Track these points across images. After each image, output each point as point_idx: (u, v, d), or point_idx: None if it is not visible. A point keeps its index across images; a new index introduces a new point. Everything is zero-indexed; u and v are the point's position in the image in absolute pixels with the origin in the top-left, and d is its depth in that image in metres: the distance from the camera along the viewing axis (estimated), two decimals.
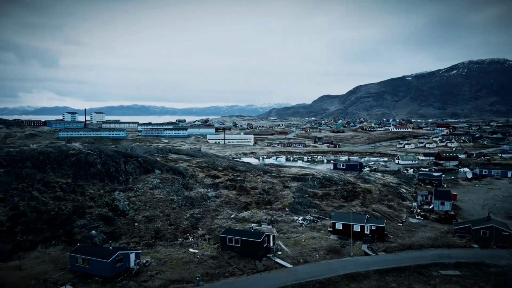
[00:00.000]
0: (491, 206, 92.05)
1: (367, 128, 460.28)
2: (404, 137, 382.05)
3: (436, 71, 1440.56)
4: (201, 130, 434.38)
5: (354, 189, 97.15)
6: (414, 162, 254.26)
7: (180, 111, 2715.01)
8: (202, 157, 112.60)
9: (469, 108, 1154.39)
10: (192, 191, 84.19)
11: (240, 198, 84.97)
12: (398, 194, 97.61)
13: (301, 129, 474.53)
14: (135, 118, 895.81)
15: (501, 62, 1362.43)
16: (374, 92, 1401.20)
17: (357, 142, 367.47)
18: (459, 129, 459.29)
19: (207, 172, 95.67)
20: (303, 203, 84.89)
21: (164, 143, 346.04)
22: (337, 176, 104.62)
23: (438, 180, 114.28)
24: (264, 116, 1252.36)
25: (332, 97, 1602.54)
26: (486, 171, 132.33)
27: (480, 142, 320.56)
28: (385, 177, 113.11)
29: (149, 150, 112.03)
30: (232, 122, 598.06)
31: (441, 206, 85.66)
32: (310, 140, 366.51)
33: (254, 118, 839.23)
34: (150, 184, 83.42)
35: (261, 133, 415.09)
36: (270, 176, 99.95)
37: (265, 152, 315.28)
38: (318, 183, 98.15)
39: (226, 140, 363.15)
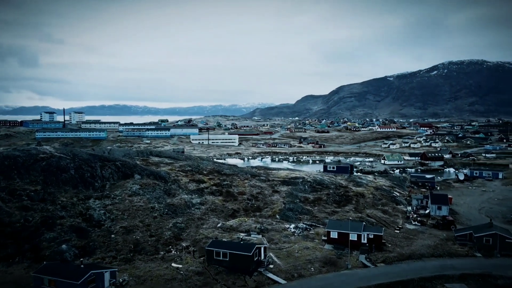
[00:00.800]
0: (487, 210, 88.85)
1: (351, 128, 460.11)
2: (388, 137, 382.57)
3: (417, 71, 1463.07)
4: (184, 130, 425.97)
5: (346, 193, 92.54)
6: (400, 162, 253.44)
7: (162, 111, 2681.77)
8: (185, 160, 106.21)
9: (449, 108, 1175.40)
10: (175, 197, 77.90)
11: (227, 205, 79.16)
12: (391, 198, 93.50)
13: (285, 129, 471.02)
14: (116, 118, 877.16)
15: (480, 63, 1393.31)
16: (357, 92, 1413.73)
17: (342, 142, 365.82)
18: (441, 128, 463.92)
19: (191, 177, 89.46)
20: (294, 209, 79.65)
21: (146, 143, 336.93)
22: (328, 179, 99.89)
23: (431, 183, 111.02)
24: (248, 116, 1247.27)
25: (315, 97, 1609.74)
26: (477, 173, 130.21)
27: (463, 142, 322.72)
28: (377, 180, 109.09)
29: (128, 153, 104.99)
30: (216, 122, 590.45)
31: (438, 211, 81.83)
32: (295, 140, 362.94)
33: (238, 118, 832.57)
34: (129, 190, 76.75)
35: (246, 133, 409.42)
36: (258, 179, 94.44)
37: (250, 153, 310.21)
38: (309, 187, 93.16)
39: (210, 141, 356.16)
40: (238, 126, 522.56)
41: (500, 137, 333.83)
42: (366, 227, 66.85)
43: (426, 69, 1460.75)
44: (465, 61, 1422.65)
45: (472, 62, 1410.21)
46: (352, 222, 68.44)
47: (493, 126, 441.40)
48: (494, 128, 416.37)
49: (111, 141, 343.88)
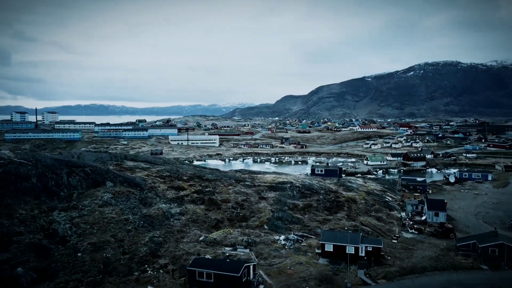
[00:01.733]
0: (484, 215, 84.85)
1: (332, 128, 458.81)
2: (369, 137, 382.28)
3: (394, 72, 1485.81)
4: (163, 130, 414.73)
5: (337, 198, 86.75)
6: (383, 163, 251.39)
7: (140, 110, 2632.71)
8: (163, 165, 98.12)
9: (425, 108, 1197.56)
10: (151, 207, 70.09)
11: (210, 214, 71.90)
12: (384, 203, 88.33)
13: (266, 129, 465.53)
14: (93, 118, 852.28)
15: (454, 64, 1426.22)
16: (336, 92, 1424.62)
17: (323, 142, 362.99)
18: (420, 128, 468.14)
19: (170, 183, 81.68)
20: (283, 218, 73.16)
21: (123, 144, 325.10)
22: (317, 184, 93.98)
23: (423, 186, 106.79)
24: (228, 116, 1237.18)
25: (295, 97, 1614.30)
26: (466, 175, 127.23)
27: (443, 142, 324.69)
28: (367, 184, 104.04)
29: (100, 157, 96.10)
30: (196, 122, 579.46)
31: (435, 217, 77.03)
32: (277, 140, 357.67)
33: (218, 118, 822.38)
34: (99, 200, 68.43)
35: (227, 134, 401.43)
36: (243, 185, 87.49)
37: (231, 154, 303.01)
38: (298, 192, 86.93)
39: (189, 141, 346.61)
40: (218, 126, 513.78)
41: (479, 137, 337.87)
42: (364, 239, 60.99)
43: (403, 69, 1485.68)
44: (440, 62, 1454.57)
45: (447, 63, 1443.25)
46: (347, 232, 62.52)
47: (471, 126, 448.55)
48: (472, 128, 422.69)
49: (86, 142, 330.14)
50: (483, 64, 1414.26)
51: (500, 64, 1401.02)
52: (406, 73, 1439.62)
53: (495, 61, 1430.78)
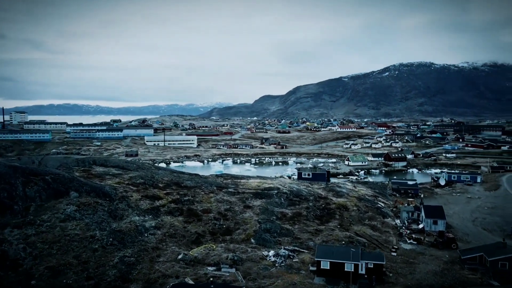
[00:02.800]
0: (481, 221, 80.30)
1: (311, 128, 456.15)
2: (349, 137, 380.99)
3: (370, 72, 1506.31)
4: (138, 131, 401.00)
5: (327, 205, 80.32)
6: (364, 163, 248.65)
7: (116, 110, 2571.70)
8: (137, 170, 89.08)
9: (400, 108, 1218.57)
10: (122, 221, 61.50)
11: (190, 227, 63.91)
12: (377, 210, 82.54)
13: (246, 129, 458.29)
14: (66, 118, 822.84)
15: (428, 65, 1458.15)
16: (313, 92, 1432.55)
17: (303, 142, 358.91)
18: (398, 128, 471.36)
19: (144, 192, 73.07)
20: (271, 229, 65.97)
21: (97, 146, 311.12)
22: (305, 190, 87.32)
23: (414, 190, 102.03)
24: (206, 116, 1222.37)
25: (273, 97, 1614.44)
26: (455, 177, 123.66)
27: (422, 142, 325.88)
28: (357, 188, 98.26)
29: (66, 163, 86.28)
30: (173, 122, 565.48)
31: (434, 225, 71.70)
32: (257, 141, 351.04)
33: (196, 118, 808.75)
34: (61, 213, 59.36)
35: (205, 134, 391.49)
36: (226, 192, 79.76)
37: (210, 155, 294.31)
38: (286, 199, 79.99)
39: (166, 142, 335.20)
40: (196, 126, 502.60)
41: (456, 136, 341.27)
42: (365, 254, 54.54)
43: (378, 70, 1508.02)
44: (415, 63, 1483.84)
45: (421, 64, 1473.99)
46: (346, 248, 56.00)
47: (447, 126, 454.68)
48: (448, 128, 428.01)
49: (57, 144, 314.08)
50: (455, 65, 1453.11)
51: (471, 66, 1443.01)
52: (381, 73, 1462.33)
53: (466, 63, 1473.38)
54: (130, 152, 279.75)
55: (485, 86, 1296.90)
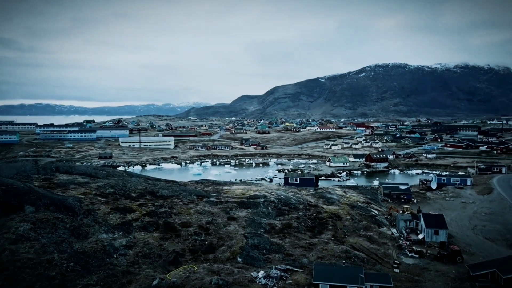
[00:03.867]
0: (481, 229, 75.44)
1: (291, 129, 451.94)
2: (328, 138, 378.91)
3: (346, 73, 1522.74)
4: (113, 132, 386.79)
5: (319, 214, 73.54)
6: (345, 164, 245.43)
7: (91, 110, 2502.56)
8: (106, 178, 79.55)
9: (376, 108, 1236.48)
10: (87, 240, 52.61)
11: (167, 245, 55.60)
12: (372, 218, 76.38)
13: (224, 130, 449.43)
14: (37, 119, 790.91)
15: (402, 66, 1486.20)
16: (291, 93, 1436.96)
17: (283, 143, 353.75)
18: (376, 128, 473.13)
19: (114, 203, 64.13)
20: (260, 245, 58.48)
21: (68, 148, 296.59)
22: (294, 197, 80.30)
23: (407, 195, 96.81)
24: (183, 116, 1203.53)
25: (251, 97, 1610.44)
26: (445, 179, 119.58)
27: (402, 142, 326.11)
28: (348, 194, 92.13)
29: (24, 170, 75.99)
30: (149, 123, 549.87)
31: (435, 236, 66.02)
32: (236, 141, 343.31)
33: (173, 118, 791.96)
34: (12, 233, 49.95)
35: (182, 135, 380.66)
36: (207, 202, 71.67)
37: (188, 156, 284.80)
38: (274, 208, 72.69)
39: (142, 143, 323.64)
40: (173, 127, 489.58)
41: (435, 137, 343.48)
42: (369, 275, 47.86)
43: (355, 71, 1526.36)
44: (390, 64, 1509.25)
45: (396, 65, 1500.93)
46: (347, 267, 49.19)
47: (425, 126, 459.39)
48: (426, 128, 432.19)
49: (25, 146, 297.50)
50: (428, 66, 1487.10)
51: (444, 67, 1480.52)
52: (358, 74, 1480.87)
53: (439, 64, 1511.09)
54: (104, 154, 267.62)
55: (457, 87, 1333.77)
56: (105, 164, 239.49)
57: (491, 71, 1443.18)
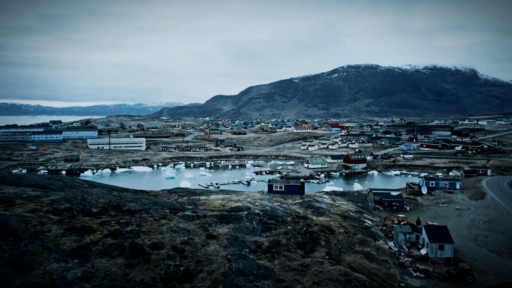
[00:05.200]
0: (483, 240, 69.42)
1: (267, 129, 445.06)
2: (305, 138, 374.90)
3: (319, 74, 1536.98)
4: (81, 133, 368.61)
5: (309, 228, 65.36)
6: (324, 166, 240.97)
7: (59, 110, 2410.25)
8: (63, 190, 67.93)
9: (348, 108, 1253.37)
10: (32, 273, 42.07)
11: (133, 274, 45.74)
12: (366, 231, 68.89)
13: (199, 130, 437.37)
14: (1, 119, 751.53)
15: (374, 67, 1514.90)
16: (265, 93, 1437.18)
17: (260, 144, 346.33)
18: (351, 128, 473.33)
19: (69, 222, 53.44)
20: (246, 270, 49.51)
21: (31, 150, 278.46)
22: (280, 208, 71.71)
23: (400, 202, 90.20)
24: (156, 116, 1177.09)
25: (225, 97, 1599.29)
26: (433, 183, 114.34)
27: (378, 142, 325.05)
28: (337, 202, 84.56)
29: None
30: (119, 123, 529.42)
31: (439, 251, 59.16)
32: (211, 142, 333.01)
33: (145, 118, 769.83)
34: None
35: (155, 136, 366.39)
36: (182, 217, 61.92)
37: (160, 159, 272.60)
38: (259, 222, 63.87)
39: (111, 145, 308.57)
40: (145, 128, 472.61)
41: (410, 137, 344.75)
42: None
43: (328, 71, 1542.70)
44: (362, 65, 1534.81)
45: (368, 66, 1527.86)
46: None
47: (399, 126, 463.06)
48: (400, 128, 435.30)
49: None
50: (399, 67, 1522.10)
51: (414, 68, 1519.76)
52: (331, 75, 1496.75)
53: (409, 65, 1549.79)
54: (70, 157, 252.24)
55: (426, 88, 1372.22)
56: (71, 168, 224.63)
57: (458, 73, 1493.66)
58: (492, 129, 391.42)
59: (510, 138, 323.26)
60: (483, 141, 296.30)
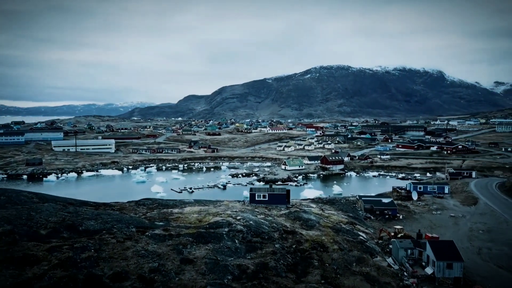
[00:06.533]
0: (488, 253, 63.37)
1: (242, 130, 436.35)
2: (280, 139, 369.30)
3: (292, 74, 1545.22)
4: (45, 134, 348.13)
5: (299, 245, 57.12)
6: (301, 167, 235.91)
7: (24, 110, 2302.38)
8: (4, 207, 56.01)
9: (321, 109, 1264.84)
10: None
11: None
12: (362, 246, 61.37)
13: (171, 131, 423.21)
14: None
15: (346, 68, 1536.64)
16: (239, 93, 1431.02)
17: (235, 145, 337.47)
18: (326, 129, 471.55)
19: (7, 251, 42.59)
20: None
21: None
22: (265, 221, 62.97)
23: (392, 210, 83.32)
24: (127, 117, 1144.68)
25: (198, 97, 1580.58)
26: (421, 187, 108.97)
27: (354, 143, 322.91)
28: (326, 212, 76.85)
29: None
30: (87, 124, 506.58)
31: (447, 270, 52.26)
32: (185, 144, 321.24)
33: (115, 119, 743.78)
34: None
35: (125, 137, 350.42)
36: (151, 236, 52.10)
37: (131, 161, 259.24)
38: (242, 241, 54.95)
39: (79, 147, 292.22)
40: (114, 129, 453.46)
41: (385, 137, 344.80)
42: None
43: (300, 72, 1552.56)
44: (334, 66, 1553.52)
45: (340, 67, 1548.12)
46: None
47: (373, 127, 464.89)
48: (374, 128, 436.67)
49: None
50: (370, 68, 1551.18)
51: (384, 69, 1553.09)
52: (303, 75, 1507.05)
53: (379, 66, 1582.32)
54: (32, 160, 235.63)
55: (396, 89, 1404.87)
56: (33, 172, 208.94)
57: (426, 74, 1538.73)
58: (463, 129, 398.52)
59: (481, 138, 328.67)
60: (456, 141, 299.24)
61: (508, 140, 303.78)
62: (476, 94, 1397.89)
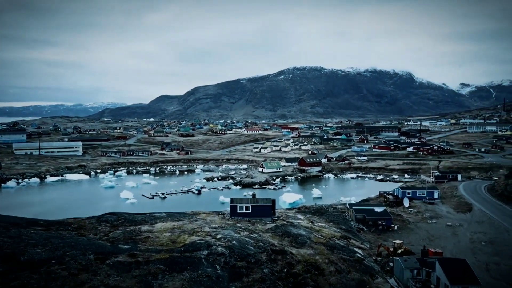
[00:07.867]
0: (497, 269, 57.16)
1: (217, 131, 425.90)
2: (256, 140, 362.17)
3: (266, 75, 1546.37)
4: (5, 137, 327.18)
5: (291, 268, 48.98)
6: (279, 170, 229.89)
7: None
8: None
9: (295, 110, 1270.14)
10: None
11: None
12: (360, 265, 53.92)
13: (142, 133, 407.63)
14: None
15: (318, 70, 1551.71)
16: (212, 94, 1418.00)
17: (210, 147, 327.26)
18: (301, 130, 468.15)
19: None
20: None
21: None
22: (249, 240, 54.33)
23: (387, 220, 76.28)
24: (96, 117, 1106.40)
25: (170, 97, 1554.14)
26: (409, 192, 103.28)
27: (330, 144, 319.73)
28: (316, 224, 69.10)
29: None
30: (53, 125, 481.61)
31: None
32: (156, 146, 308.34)
33: (84, 120, 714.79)
34: None
35: (93, 139, 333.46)
36: (114, 265, 42.36)
37: (99, 165, 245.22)
38: (224, 267, 46.15)
39: (43, 150, 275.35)
40: (82, 130, 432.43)
41: (361, 138, 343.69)
42: None
43: (274, 73, 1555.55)
44: (307, 67, 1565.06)
45: (312, 68, 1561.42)
46: None
47: (348, 127, 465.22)
48: (349, 129, 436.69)
49: None
50: (342, 70, 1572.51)
51: (356, 71, 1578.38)
52: (277, 76, 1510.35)
53: (351, 68, 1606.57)
54: None
55: (367, 90, 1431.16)
56: None
57: (396, 76, 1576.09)
58: (436, 129, 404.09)
59: (454, 138, 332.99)
60: (430, 141, 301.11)
61: (480, 140, 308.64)
62: (443, 95, 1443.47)
